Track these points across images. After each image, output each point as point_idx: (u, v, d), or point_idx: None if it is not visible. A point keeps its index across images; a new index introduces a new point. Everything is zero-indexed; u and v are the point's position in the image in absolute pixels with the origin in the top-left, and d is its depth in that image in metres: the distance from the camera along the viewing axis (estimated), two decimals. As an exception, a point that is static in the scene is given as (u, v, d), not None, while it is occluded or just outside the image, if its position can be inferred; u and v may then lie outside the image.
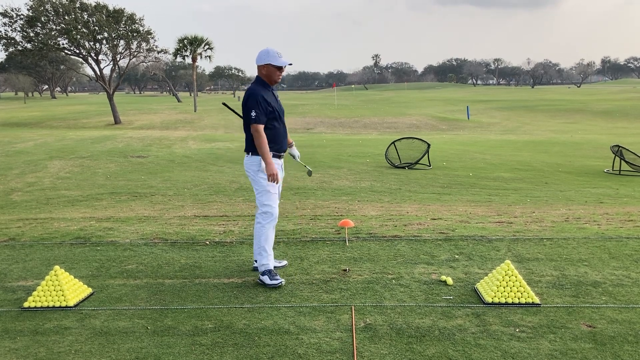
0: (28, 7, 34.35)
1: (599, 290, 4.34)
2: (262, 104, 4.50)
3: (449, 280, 4.55)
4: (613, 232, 6.21)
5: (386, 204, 8.91)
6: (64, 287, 4.20)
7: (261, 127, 4.52)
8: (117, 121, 38.56)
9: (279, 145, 4.74)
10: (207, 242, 5.98)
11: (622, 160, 14.42)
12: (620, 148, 14.57)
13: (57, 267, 4.35)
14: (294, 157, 5.18)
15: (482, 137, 29.23)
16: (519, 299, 4.08)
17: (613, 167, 14.75)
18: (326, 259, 5.26)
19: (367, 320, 3.86)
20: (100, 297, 4.39)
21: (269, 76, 4.59)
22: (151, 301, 4.28)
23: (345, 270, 4.93)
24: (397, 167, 14.83)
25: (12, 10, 34.36)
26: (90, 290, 4.48)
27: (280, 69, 4.56)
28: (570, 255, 5.30)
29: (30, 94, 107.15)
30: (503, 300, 4.07)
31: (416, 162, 15.01)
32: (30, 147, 19.48)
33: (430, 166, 14.91)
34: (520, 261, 5.13)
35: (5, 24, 34.53)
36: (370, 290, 4.42)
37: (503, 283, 4.14)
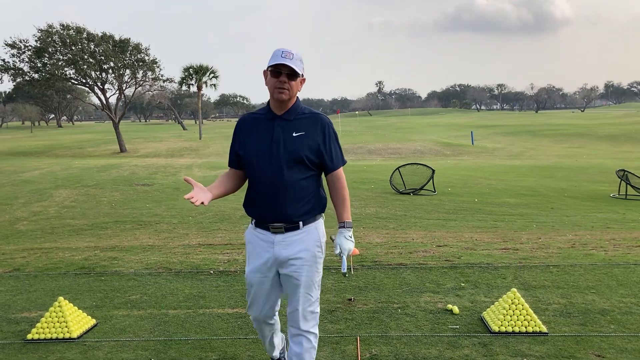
0: (36, 38, 34.95)
1: (607, 319, 4.28)
2: (233, 140, 3.12)
3: (455, 309, 4.51)
4: (620, 258, 6.16)
5: (391, 231, 8.87)
6: (67, 319, 4.18)
7: (229, 170, 3.16)
8: (122, 149, 38.81)
9: (253, 210, 3.08)
10: (212, 272, 5.95)
11: (628, 185, 14.36)
12: (625, 172, 14.54)
13: (61, 298, 4.33)
14: (338, 252, 3.01)
15: (486, 163, 29.23)
16: (525, 327, 4.03)
17: (619, 192, 14.70)
18: (331, 288, 5.22)
19: (373, 350, 3.81)
20: (103, 328, 4.36)
21: (269, 89, 2.95)
22: (155, 332, 4.25)
23: (350, 299, 4.89)
24: (401, 193, 14.82)
25: (20, 41, 34.94)
26: (94, 321, 4.46)
27: (277, 74, 2.86)
28: (577, 282, 5.25)
29: (36, 123, 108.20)
30: (510, 330, 4.02)
31: (421, 188, 14.99)
32: (36, 176, 19.58)
33: (435, 192, 14.89)
34: (526, 289, 5.08)
35: (13, 55, 35.10)
36: (376, 320, 4.38)
37: (509, 312, 4.09)
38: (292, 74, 2.87)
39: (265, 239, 3.03)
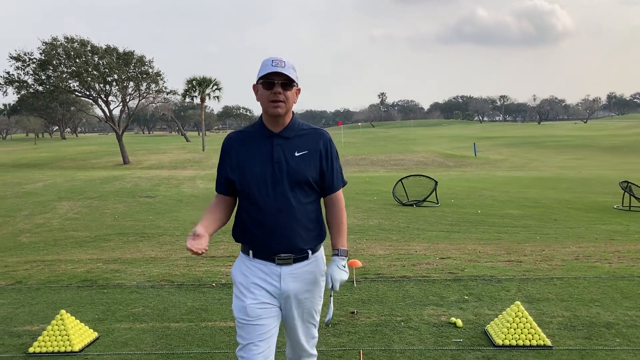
0: (40, 51, 35.21)
1: (612, 332, 4.25)
2: (221, 162, 2.75)
3: (459, 322, 4.48)
4: (625, 270, 6.13)
5: (394, 243, 8.85)
6: (69, 332, 4.17)
7: (217, 197, 2.80)
8: (125, 161, 38.90)
9: (252, 241, 2.67)
10: (214, 284, 5.94)
11: (631, 196, 14.31)
12: (629, 184, 14.49)
13: (63, 311, 4.33)
14: (330, 286, 2.61)
15: (489, 174, 29.19)
16: (530, 341, 4.01)
17: (623, 203, 14.64)
18: (334, 301, 5.19)
19: (376, 364, 3.79)
20: (105, 342, 4.35)
21: (261, 104, 2.62)
22: (157, 345, 4.23)
23: (353, 312, 4.87)
24: (404, 204, 14.80)
25: (25, 54, 35.22)
26: (95, 334, 4.44)
27: (270, 85, 2.53)
28: (581, 295, 5.22)
29: (40, 135, 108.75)
30: (514, 343, 3.99)
31: (424, 200, 14.96)
32: (40, 188, 19.61)
33: (438, 203, 14.86)
34: (530, 301, 5.05)
35: (18, 67, 35.36)
36: (379, 334, 4.35)
37: (513, 325, 4.07)
38: (287, 83, 2.54)
39: (268, 271, 2.62)
